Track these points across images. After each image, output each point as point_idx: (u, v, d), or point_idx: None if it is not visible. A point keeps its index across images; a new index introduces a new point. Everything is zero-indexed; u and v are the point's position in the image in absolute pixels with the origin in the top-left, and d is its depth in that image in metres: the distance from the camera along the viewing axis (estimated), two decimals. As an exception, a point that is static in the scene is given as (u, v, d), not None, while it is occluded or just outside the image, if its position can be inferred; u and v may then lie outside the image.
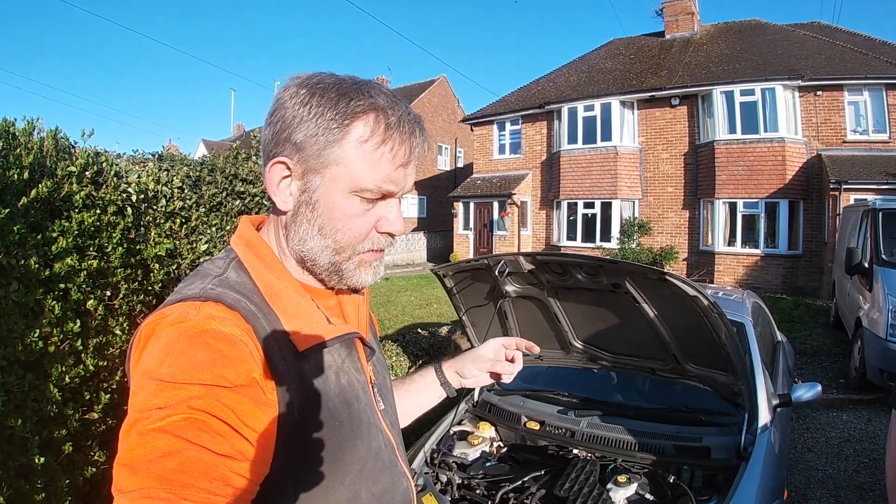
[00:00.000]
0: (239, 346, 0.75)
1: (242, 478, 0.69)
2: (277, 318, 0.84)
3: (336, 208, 0.87)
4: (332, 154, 0.85)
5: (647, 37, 21.90)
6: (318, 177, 0.86)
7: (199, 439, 0.66)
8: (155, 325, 0.77)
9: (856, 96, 14.98)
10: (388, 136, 0.86)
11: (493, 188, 20.99)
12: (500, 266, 2.66)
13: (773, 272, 15.45)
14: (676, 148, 17.54)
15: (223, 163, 3.61)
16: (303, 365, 0.84)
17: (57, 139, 2.39)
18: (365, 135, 0.85)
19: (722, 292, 4.92)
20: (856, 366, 6.71)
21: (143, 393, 0.70)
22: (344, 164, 0.85)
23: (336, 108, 0.84)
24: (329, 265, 0.91)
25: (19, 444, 1.98)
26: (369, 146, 0.85)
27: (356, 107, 0.85)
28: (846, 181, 12.99)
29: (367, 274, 0.94)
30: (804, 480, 4.49)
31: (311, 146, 0.85)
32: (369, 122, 0.85)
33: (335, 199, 0.87)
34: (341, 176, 0.86)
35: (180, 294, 0.83)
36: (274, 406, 0.77)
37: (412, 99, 31.00)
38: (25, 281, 2.02)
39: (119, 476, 0.65)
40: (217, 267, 0.89)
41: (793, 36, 17.86)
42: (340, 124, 0.84)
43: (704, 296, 2.30)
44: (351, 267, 0.92)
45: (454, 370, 1.35)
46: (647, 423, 2.81)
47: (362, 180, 0.86)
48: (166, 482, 0.63)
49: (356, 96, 0.85)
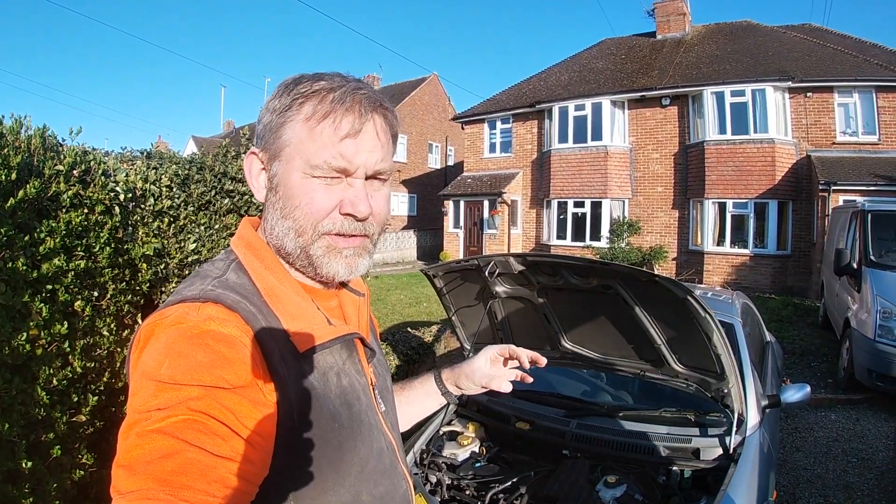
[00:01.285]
0: (238, 347, 0.75)
1: (241, 479, 0.69)
2: (277, 320, 0.84)
3: (293, 187, 0.88)
4: (284, 136, 0.88)
5: (639, 37, 21.96)
6: (277, 161, 0.89)
7: (198, 441, 0.66)
8: (155, 326, 0.78)
9: (846, 98, 15.11)
10: (330, 109, 0.86)
11: (483, 187, 21.01)
12: (490, 267, 2.65)
13: (762, 272, 15.56)
14: (666, 148, 17.62)
15: (212, 161, 3.58)
16: (303, 366, 0.84)
17: (45, 137, 2.36)
18: (309, 112, 0.87)
19: (711, 293, 4.94)
20: (844, 366, 6.77)
21: (143, 394, 0.70)
22: (293, 143, 0.87)
23: (289, 94, 0.88)
24: (297, 251, 0.90)
25: (6, 449, 1.96)
26: (313, 122, 0.86)
27: (303, 89, 0.88)
28: (835, 182, 13.09)
29: (339, 264, 0.91)
30: (793, 480, 4.52)
31: (269, 133, 0.90)
32: (315, 101, 0.87)
33: (292, 179, 0.88)
34: (293, 155, 0.87)
35: (180, 295, 0.82)
36: (273, 407, 0.77)
37: (403, 97, 30.98)
38: (13, 283, 1.99)
39: (118, 477, 0.65)
40: (217, 268, 0.89)
41: (783, 37, 17.98)
42: (289, 107, 0.87)
43: (694, 298, 2.31)
44: (318, 252, 0.90)
45: (452, 382, 1.35)
46: (636, 423, 2.82)
47: (312, 157, 0.86)
48: (165, 483, 0.63)
49: (307, 81, 0.89)
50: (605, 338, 2.86)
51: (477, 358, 1.33)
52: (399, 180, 30.58)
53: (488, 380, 1.29)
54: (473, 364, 1.32)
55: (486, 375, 1.30)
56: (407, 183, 31.31)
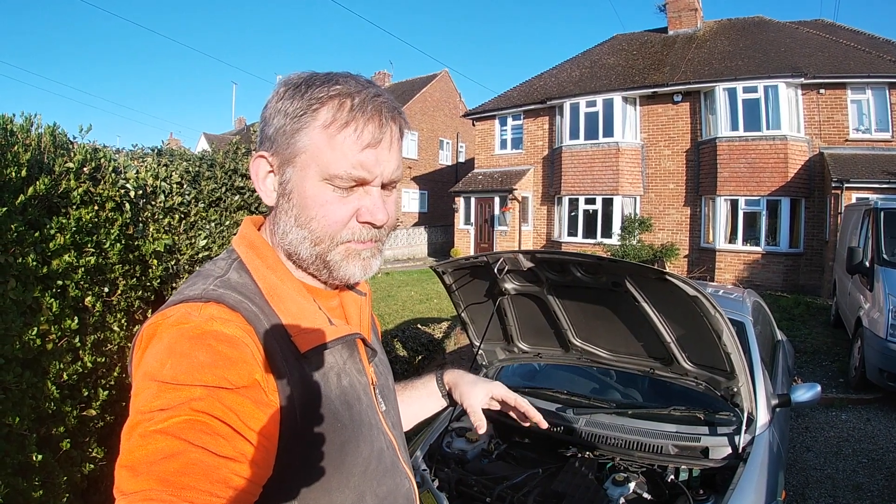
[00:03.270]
0: (241, 347, 0.75)
1: (244, 479, 0.69)
2: (279, 319, 0.84)
3: (308, 197, 0.87)
4: (300, 142, 0.85)
5: (650, 33, 21.83)
6: (290, 167, 0.87)
7: (201, 441, 0.66)
8: (157, 326, 0.77)
9: (859, 95, 14.93)
10: (350, 118, 0.85)
11: (494, 183, 20.96)
12: (500, 264, 2.65)
13: (773, 270, 15.43)
14: (678, 144, 17.49)
15: (223, 158, 3.60)
16: (304, 366, 0.84)
17: (55, 135, 2.38)
18: (328, 119, 0.84)
19: (722, 290, 4.91)
20: (855, 365, 6.70)
21: (145, 394, 0.70)
22: (310, 150, 0.85)
23: (302, 97, 0.85)
24: (313, 257, 0.90)
25: (17, 442, 1.98)
26: (333, 129, 0.84)
27: (320, 93, 0.85)
28: (848, 180, 12.95)
29: (356, 267, 0.92)
30: (802, 480, 4.49)
31: (282, 137, 0.87)
32: (333, 107, 0.85)
33: (306, 187, 0.86)
34: (309, 163, 0.86)
35: (182, 295, 0.82)
36: (275, 407, 0.77)
37: (414, 93, 30.93)
38: (23, 278, 2.01)
39: (121, 477, 0.65)
40: (219, 268, 0.89)
41: (796, 33, 17.80)
42: (306, 111, 0.85)
43: (704, 296, 2.29)
44: (337, 258, 0.90)
45: (450, 388, 1.35)
46: (645, 421, 2.81)
47: (331, 166, 0.85)
48: (168, 484, 0.63)
49: (321, 84, 0.86)
50: (615, 335, 2.85)
51: (478, 388, 1.32)
52: (410, 177, 30.56)
53: (473, 412, 1.28)
54: (473, 389, 1.31)
55: (473, 408, 1.29)
56: (418, 179, 31.29)
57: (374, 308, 11.74)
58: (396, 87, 33.98)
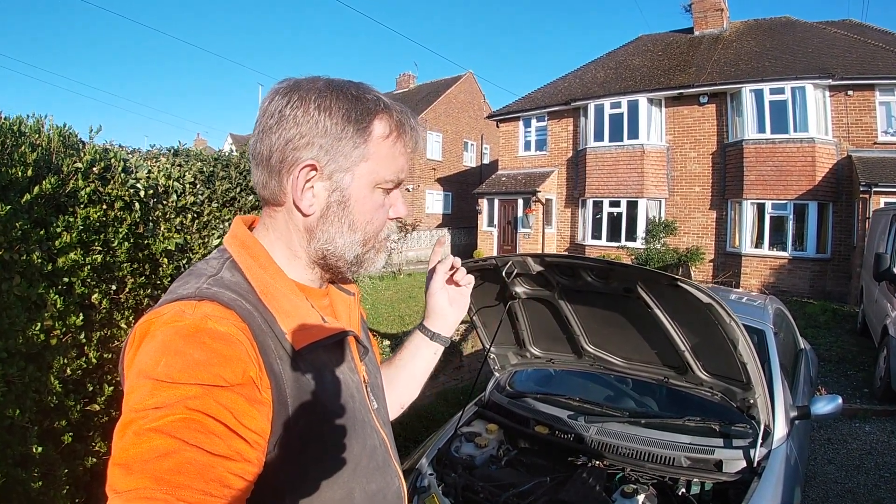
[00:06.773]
0: (235, 344, 0.75)
1: (239, 478, 0.69)
2: (273, 317, 0.85)
3: (366, 202, 0.93)
4: (360, 151, 0.90)
5: (676, 33, 21.58)
6: (349, 175, 0.91)
7: (196, 440, 0.66)
8: (150, 324, 0.78)
9: (887, 96, 14.60)
10: (402, 131, 0.94)
11: (518, 185, 20.90)
12: (508, 267, 2.60)
13: (800, 275, 15.14)
14: (704, 147, 17.26)
15: (238, 158, 3.63)
16: (298, 363, 0.84)
17: (64, 136, 2.42)
18: (385, 131, 0.92)
19: (746, 297, 4.83)
20: (881, 375, 6.52)
21: (139, 392, 0.70)
22: (371, 159, 0.91)
23: (356, 108, 0.90)
24: (354, 258, 0.96)
25: (18, 434, 2.01)
26: (389, 141, 0.92)
27: (370, 105, 0.91)
28: (876, 184, 12.68)
29: (381, 260, 1.01)
30: (822, 494, 4.37)
31: (339, 147, 0.89)
32: (384, 120, 0.92)
33: (364, 193, 0.93)
34: (368, 171, 0.92)
35: (175, 293, 0.83)
36: (269, 405, 0.78)
37: (438, 95, 30.97)
38: (28, 275, 2.04)
39: (114, 476, 0.65)
40: (211, 267, 0.89)
41: (823, 34, 17.45)
42: (363, 122, 0.90)
43: (719, 303, 2.22)
44: (371, 255, 0.98)
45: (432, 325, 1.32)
46: (657, 431, 2.75)
47: (385, 173, 0.93)
48: (162, 482, 0.63)
49: (365, 96, 0.92)
50: (628, 342, 2.79)
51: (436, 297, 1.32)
52: (434, 178, 30.57)
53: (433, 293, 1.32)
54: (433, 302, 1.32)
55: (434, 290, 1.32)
56: (442, 181, 31.28)
57: (395, 309, 11.80)
58: (421, 88, 34.04)
